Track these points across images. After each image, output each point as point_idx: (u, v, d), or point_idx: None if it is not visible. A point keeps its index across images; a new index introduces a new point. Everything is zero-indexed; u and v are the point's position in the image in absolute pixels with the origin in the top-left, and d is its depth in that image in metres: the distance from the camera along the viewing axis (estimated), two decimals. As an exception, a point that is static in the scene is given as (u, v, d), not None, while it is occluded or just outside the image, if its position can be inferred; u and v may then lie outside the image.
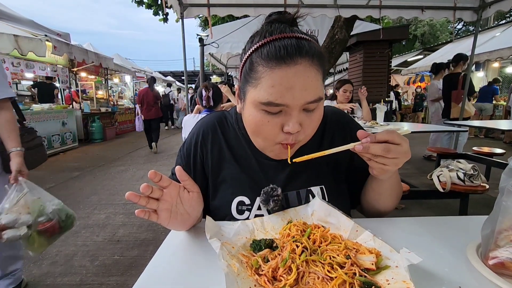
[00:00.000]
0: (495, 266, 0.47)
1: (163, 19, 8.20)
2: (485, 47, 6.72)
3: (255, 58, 0.57)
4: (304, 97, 0.55)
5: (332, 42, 4.22)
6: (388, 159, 0.53)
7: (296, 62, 0.53)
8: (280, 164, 0.71)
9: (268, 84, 0.54)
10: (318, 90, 0.56)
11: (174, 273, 0.51)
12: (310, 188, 0.70)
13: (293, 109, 0.55)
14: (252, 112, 0.59)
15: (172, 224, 0.58)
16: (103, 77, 9.79)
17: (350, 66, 5.83)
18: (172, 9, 3.60)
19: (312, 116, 0.59)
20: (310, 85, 0.55)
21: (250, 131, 0.64)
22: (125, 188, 3.83)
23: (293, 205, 0.69)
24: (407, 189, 1.94)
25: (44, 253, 2.20)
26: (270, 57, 0.54)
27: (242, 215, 0.68)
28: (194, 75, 17.82)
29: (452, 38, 10.88)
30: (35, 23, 5.34)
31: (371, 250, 0.49)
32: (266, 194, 0.65)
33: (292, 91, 0.54)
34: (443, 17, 3.90)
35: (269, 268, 0.46)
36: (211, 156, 0.74)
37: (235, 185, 0.71)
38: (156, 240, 2.40)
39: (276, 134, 0.59)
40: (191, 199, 0.59)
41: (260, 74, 0.55)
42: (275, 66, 0.54)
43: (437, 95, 4.72)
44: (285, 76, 0.53)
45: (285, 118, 0.57)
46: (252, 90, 0.58)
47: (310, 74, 0.55)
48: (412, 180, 3.23)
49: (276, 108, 0.56)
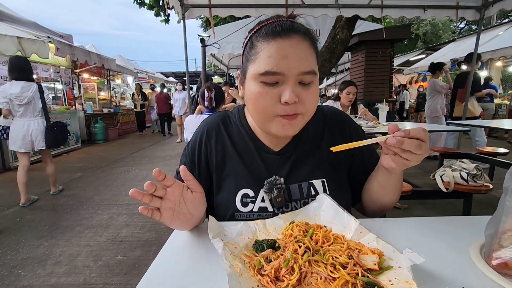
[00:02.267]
0: (498, 266, 0.47)
1: (164, 20, 8.23)
2: (488, 46, 6.68)
3: (254, 37, 0.63)
4: (298, 66, 0.59)
5: (334, 42, 4.21)
6: (415, 155, 0.54)
7: (290, 36, 0.59)
8: (282, 158, 0.74)
9: (265, 55, 0.59)
10: (312, 63, 0.61)
11: (177, 273, 0.51)
12: (311, 181, 0.72)
13: (289, 78, 0.59)
14: (251, 86, 0.63)
15: (174, 224, 0.58)
16: (105, 78, 9.84)
17: (352, 66, 5.81)
18: (173, 10, 3.61)
19: (308, 90, 0.62)
20: (304, 56, 0.60)
21: (251, 108, 0.66)
22: (127, 188, 3.83)
23: (295, 197, 0.71)
24: (410, 189, 1.93)
25: (48, 253, 2.22)
26: (267, 33, 0.60)
27: (246, 207, 0.70)
28: (196, 76, 17.84)
29: (455, 37, 10.82)
30: (38, 25, 5.37)
31: (374, 250, 0.49)
32: (269, 183, 0.69)
33: (287, 60, 0.58)
34: (445, 16, 3.88)
35: (271, 269, 0.47)
36: (216, 153, 0.76)
37: (239, 179, 0.73)
38: (159, 241, 2.40)
39: (274, 105, 0.61)
40: (194, 199, 0.59)
41: (258, 49, 0.61)
42: (271, 39, 0.59)
43: (438, 89, 4.68)
44: (281, 47, 0.59)
45: (282, 89, 0.60)
46: (251, 66, 0.63)
47: (304, 46, 0.60)
48: (415, 180, 3.22)
49: (273, 77, 0.59)
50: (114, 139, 8.50)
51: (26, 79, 3.05)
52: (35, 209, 3.14)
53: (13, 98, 2.99)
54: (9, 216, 2.96)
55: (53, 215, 2.97)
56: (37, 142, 3.16)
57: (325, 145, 0.75)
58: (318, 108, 0.77)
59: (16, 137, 3.09)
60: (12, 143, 3.13)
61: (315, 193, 0.71)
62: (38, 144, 3.17)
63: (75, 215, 2.95)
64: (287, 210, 0.70)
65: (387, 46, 5.02)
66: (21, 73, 3.03)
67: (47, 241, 2.42)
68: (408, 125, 3.21)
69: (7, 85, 3.02)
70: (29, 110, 3.12)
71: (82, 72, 8.46)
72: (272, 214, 0.69)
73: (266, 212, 0.70)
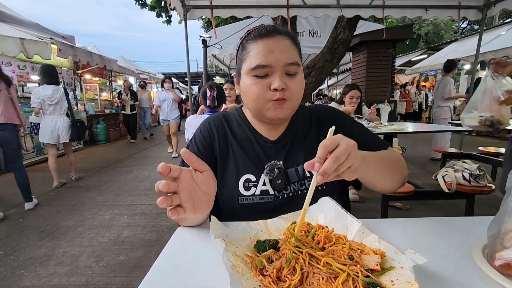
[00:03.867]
0: (501, 267, 0.46)
1: (166, 21, 8.24)
2: (490, 46, 6.65)
3: (245, 41, 0.76)
4: (283, 58, 0.70)
5: (335, 42, 4.21)
6: (345, 162, 0.50)
7: (274, 36, 0.72)
8: (278, 146, 0.82)
9: (255, 52, 0.71)
10: (295, 56, 0.72)
11: (179, 273, 0.51)
12: None
13: (276, 70, 0.70)
14: (246, 81, 0.74)
15: (198, 209, 0.56)
16: (107, 79, 9.87)
17: (353, 66, 5.81)
18: (175, 11, 3.62)
19: (294, 80, 0.72)
20: (287, 50, 0.72)
21: (248, 99, 0.76)
22: (129, 189, 3.85)
23: (293, 180, 0.78)
24: (412, 190, 1.93)
25: (50, 253, 2.23)
26: (255, 35, 0.73)
27: (249, 191, 0.77)
28: (197, 76, 17.87)
29: (457, 37, 10.78)
30: (41, 26, 5.40)
31: (376, 251, 0.49)
32: (269, 165, 0.78)
33: (273, 54, 0.70)
34: (447, 16, 3.86)
35: (273, 269, 0.47)
36: (218, 142, 0.83)
37: (241, 165, 0.80)
38: (161, 241, 2.41)
39: (265, 92, 0.72)
40: (205, 178, 0.58)
41: (249, 49, 0.73)
42: (259, 39, 0.72)
43: (452, 94, 4.51)
44: (267, 44, 0.71)
45: (271, 79, 0.71)
46: (244, 64, 0.74)
47: (286, 43, 0.72)
48: (417, 180, 3.21)
49: (263, 70, 0.70)
50: (115, 139, 8.52)
51: (55, 83, 3.70)
52: (37, 210, 3.15)
53: (46, 99, 3.62)
54: (12, 216, 2.98)
55: (55, 215, 2.99)
56: (62, 136, 3.83)
57: (314, 132, 0.85)
58: (305, 107, 0.90)
59: (46, 131, 3.72)
60: (42, 136, 3.74)
61: (309, 174, 0.78)
62: (63, 137, 3.84)
63: (77, 216, 2.96)
64: (286, 192, 0.77)
65: (388, 46, 5.01)
66: (51, 78, 3.67)
67: (49, 241, 2.43)
68: (410, 126, 3.20)
69: (40, 88, 3.63)
70: (56, 109, 3.75)
71: (84, 73, 8.50)
72: (273, 197, 0.77)
73: (268, 195, 0.77)
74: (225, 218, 0.74)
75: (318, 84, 4.44)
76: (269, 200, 0.77)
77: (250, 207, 0.76)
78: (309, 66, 4.25)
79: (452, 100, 4.62)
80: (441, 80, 4.65)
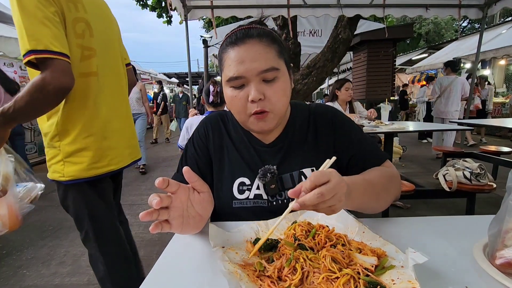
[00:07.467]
0: (502, 266, 0.47)
1: (167, 21, 8.24)
2: (491, 45, 6.65)
3: (220, 50, 0.72)
4: (255, 67, 0.65)
5: (336, 42, 4.19)
6: (328, 200, 0.47)
7: (245, 42, 0.66)
8: (273, 150, 0.79)
9: (227, 64, 0.68)
10: (270, 61, 0.66)
11: (180, 273, 0.51)
12: (302, 170, 0.76)
13: (250, 79, 0.66)
14: (226, 92, 0.71)
15: (185, 229, 0.56)
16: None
17: (354, 65, 5.79)
18: (176, 11, 3.62)
19: (273, 86, 0.67)
20: (260, 57, 0.65)
21: (232, 111, 0.73)
22: (130, 189, 3.86)
23: (287, 186, 0.75)
24: (413, 189, 1.93)
25: (52, 253, 2.24)
26: (227, 44, 0.69)
27: (243, 195, 0.75)
28: (198, 76, 17.86)
29: (458, 36, 10.75)
30: (42, 27, 5.41)
31: (376, 250, 0.49)
32: (263, 170, 0.74)
33: (244, 64, 0.65)
34: (448, 15, 3.86)
35: (274, 268, 0.47)
36: (213, 143, 0.82)
37: (235, 168, 0.78)
38: (162, 241, 2.41)
39: (244, 105, 0.68)
40: (202, 200, 0.58)
41: (223, 60, 0.70)
42: (230, 49, 0.68)
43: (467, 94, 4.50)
44: (237, 54, 0.66)
45: (247, 90, 0.67)
46: (222, 75, 0.71)
47: (259, 48, 0.66)
48: (417, 179, 3.21)
49: (237, 81, 0.67)
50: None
51: None
52: (39, 210, 3.16)
53: None
54: (14, 216, 2.99)
55: (57, 215, 2.99)
56: None
57: (311, 137, 0.80)
58: (305, 106, 0.85)
59: None
60: None
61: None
62: None
63: (78, 216, 2.97)
64: (280, 198, 0.75)
65: (389, 45, 4.99)
66: None
67: (51, 241, 2.44)
68: (411, 125, 3.20)
69: None
70: None
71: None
72: (266, 202, 0.74)
73: (261, 199, 0.75)
74: (221, 218, 0.75)
75: (318, 83, 4.43)
76: (263, 205, 0.74)
77: (243, 211, 0.75)
78: (309, 66, 4.24)
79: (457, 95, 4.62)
80: (454, 79, 4.66)
